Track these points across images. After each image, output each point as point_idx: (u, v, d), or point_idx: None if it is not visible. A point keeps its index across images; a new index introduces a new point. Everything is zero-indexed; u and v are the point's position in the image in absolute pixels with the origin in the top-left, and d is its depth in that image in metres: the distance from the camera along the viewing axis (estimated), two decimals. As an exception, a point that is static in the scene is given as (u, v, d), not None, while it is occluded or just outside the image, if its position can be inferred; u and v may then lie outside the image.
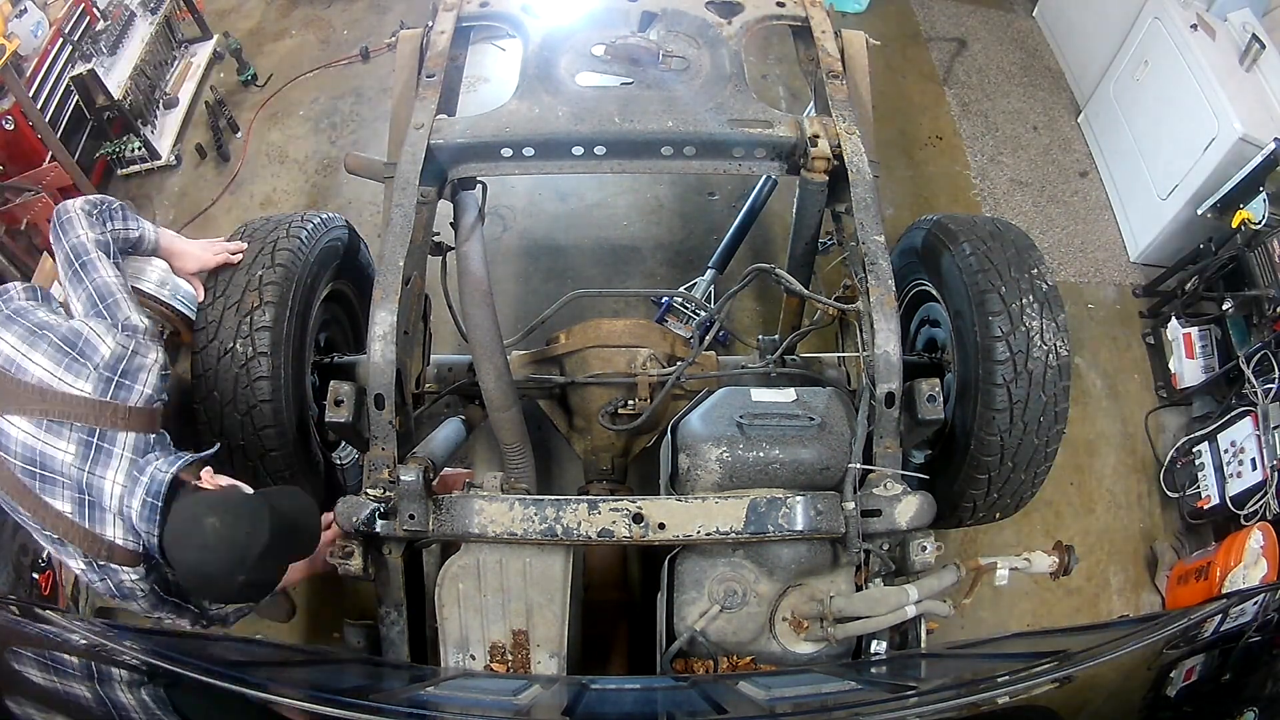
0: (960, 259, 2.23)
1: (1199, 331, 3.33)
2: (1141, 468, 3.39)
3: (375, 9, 4.62)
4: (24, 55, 3.30)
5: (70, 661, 1.55)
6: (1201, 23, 3.49)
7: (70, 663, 1.55)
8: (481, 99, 3.82)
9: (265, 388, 2.09)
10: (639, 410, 2.44)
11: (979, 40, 4.70)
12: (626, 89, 2.50)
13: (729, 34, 2.62)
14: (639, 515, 1.87)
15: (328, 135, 4.10)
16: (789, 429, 2.00)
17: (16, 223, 3.22)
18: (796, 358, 2.63)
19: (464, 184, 2.45)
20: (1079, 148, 4.27)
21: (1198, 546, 3.14)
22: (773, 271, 2.38)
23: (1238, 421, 3.01)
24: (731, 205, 3.76)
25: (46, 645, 1.60)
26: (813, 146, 2.29)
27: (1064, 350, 2.13)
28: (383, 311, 2.01)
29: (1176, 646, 1.67)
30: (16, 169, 3.28)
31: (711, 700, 1.66)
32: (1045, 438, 2.16)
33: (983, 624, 2.97)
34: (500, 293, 2.85)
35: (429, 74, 2.51)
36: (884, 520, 1.91)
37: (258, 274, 2.15)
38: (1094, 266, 3.88)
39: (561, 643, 1.94)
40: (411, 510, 1.88)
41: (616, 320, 2.59)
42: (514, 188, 3.81)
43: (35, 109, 3.28)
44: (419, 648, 2.06)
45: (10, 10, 3.22)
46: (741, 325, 3.51)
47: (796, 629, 1.95)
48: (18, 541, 2.89)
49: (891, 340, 1.99)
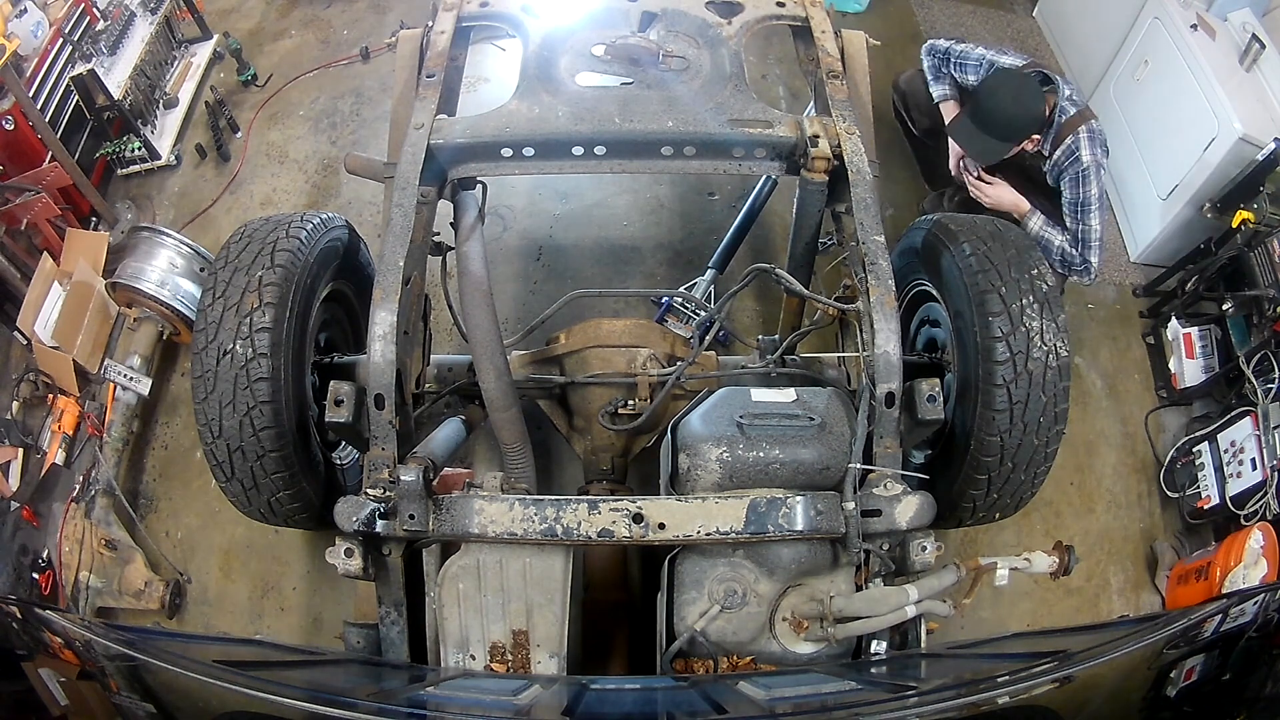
0: (960, 259, 2.23)
1: (1199, 331, 3.32)
2: (1141, 468, 3.39)
3: (375, 9, 4.62)
4: (24, 55, 3.30)
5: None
6: (1201, 23, 3.49)
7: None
8: (481, 99, 3.82)
9: (265, 389, 2.09)
10: (639, 410, 2.44)
11: (979, 40, 4.70)
12: (626, 89, 2.50)
13: (729, 34, 2.63)
14: (639, 515, 1.87)
15: (328, 135, 4.10)
16: (789, 429, 2.00)
17: (16, 223, 3.22)
18: (796, 358, 2.63)
19: (464, 184, 2.46)
20: (1079, 148, 4.27)
21: (1198, 546, 3.13)
22: (773, 271, 2.38)
23: (1238, 421, 3.01)
24: (731, 205, 3.76)
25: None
26: (813, 146, 2.29)
27: (1064, 350, 2.13)
28: (383, 311, 2.01)
29: (1176, 646, 1.67)
30: (16, 169, 3.27)
31: (711, 700, 1.66)
32: (1045, 438, 2.16)
33: (983, 624, 2.97)
34: (500, 293, 2.86)
35: (429, 74, 2.51)
36: (884, 520, 1.91)
37: (257, 275, 2.14)
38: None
39: (561, 643, 1.94)
40: (411, 510, 1.88)
41: (616, 320, 2.59)
42: (514, 188, 3.81)
43: (35, 109, 3.28)
44: (419, 648, 2.05)
45: (10, 10, 3.22)
46: (741, 325, 3.51)
47: (796, 629, 1.95)
48: (18, 541, 2.89)
49: (891, 340, 1.99)
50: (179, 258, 3.28)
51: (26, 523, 2.98)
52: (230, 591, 3.04)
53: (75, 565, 2.88)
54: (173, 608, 2.96)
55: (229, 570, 3.07)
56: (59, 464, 3.08)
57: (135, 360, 3.19)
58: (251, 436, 2.11)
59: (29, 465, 3.10)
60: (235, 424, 2.10)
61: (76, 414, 3.14)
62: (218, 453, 2.15)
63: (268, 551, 3.07)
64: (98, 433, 3.12)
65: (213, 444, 2.14)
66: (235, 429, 2.10)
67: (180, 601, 3.01)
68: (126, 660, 1.59)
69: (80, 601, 2.88)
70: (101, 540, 2.93)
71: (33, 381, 3.16)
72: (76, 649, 1.66)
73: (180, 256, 3.28)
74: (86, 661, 1.62)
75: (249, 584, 3.05)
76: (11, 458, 3.07)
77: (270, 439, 2.12)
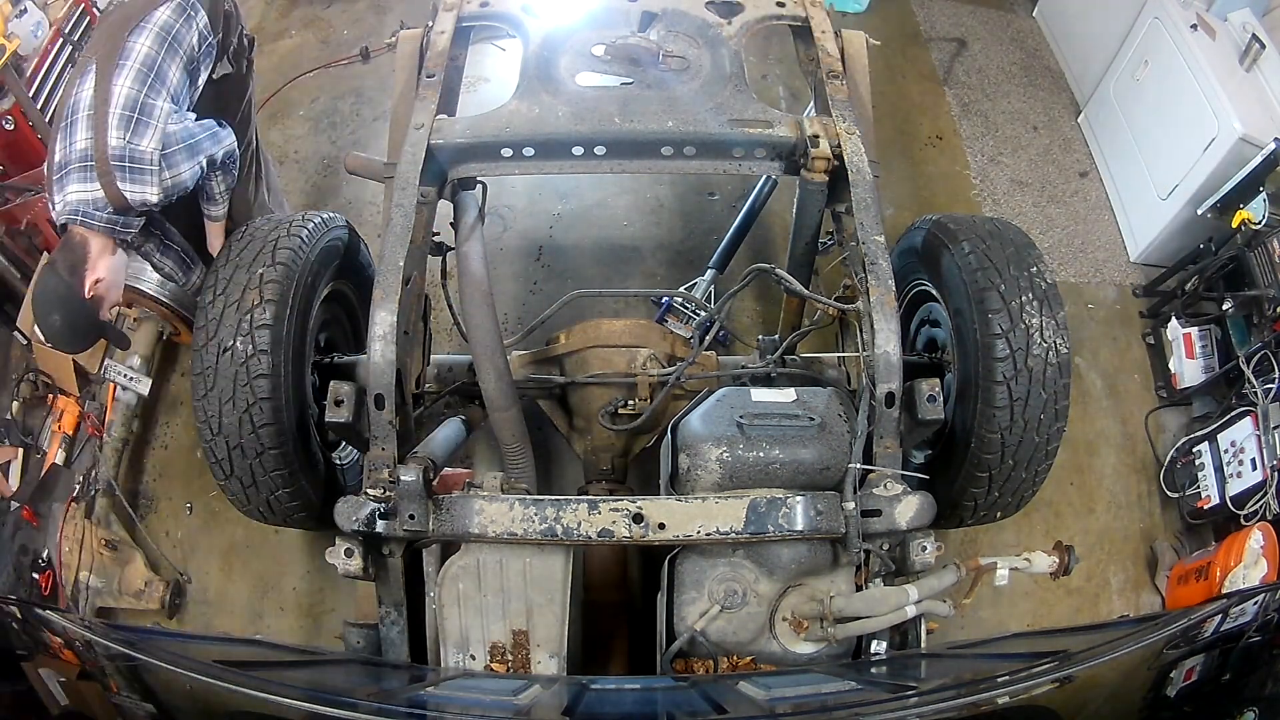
0: (960, 258, 2.23)
1: (1199, 331, 3.33)
2: (1141, 468, 3.38)
3: (375, 9, 4.62)
4: (24, 55, 3.29)
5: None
6: (1201, 23, 3.49)
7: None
8: (481, 99, 3.82)
9: (265, 385, 2.09)
10: (639, 410, 2.44)
11: (979, 40, 4.70)
12: (626, 89, 2.50)
13: (729, 34, 2.62)
14: (639, 515, 1.87)
15: (328, 135, 4.10)
16: (789, 429, 2.00)
17: (16, 223, 3.22)
18: (796, 358, 2.63)
19: (464, 184, 2.45)
20: (1079, 148, 4.27)
21: (1198, 546, 3.13)
22: (773, 271, 2.38)
23: (1238, 421, 3.01)
24: (731, 205, 3.76)
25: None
26: (813, 146, 2.29)
27: (1064, 347, 2.13)
28: (383, 311, 2.01)
29: (1176, 646, 1.68)
30: (16, 169, 3.27)
31: (711, 700, 1.66)
32: (1046, 435, 2.16)
33: (983, 624, 2.97)
34: (500, 293, 2.86)
35: (429, 74, 2.51)
36: (884, 520, 1.91)
37: (258, 272, 2.15)
38: (1094, 266, 3.88)
39: (561, 643, 1.94)
40: (411, 510, 1.88)
41: (616, 320, 2.59)
42: (514, 188, 3.81)
43: (35, 109, 3.28)
44: (419, 648, 2.05)
45: (10, 10, 3.21)
46: (741, 325, 3.51)
47: (796, 629, 1.95)
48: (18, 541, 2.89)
49: (891, 340, 1.99)
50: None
51: (26, 523, 2.98)
52: (230, 591, 3.04)
53: (75, 565, 2.88)
54: (173, 608, 2.96)
55: (229, 570, 3.07)
56: (59, 464, 3.08)
57: (135, 360, 3.19)
58: (251, 433, 2.11)
59: (29, 465, 3.10)
60: (234, 420, 2.10)
61: (76, 414, 3.14)
62: (217, 450, 2.15)
63: (268, 551, 3.06)
64: (98, 433, 3.12)
65: (212, 441, 2.15)
66: (234, 426, 2.10)
67: (180, 601, 3.00)
68: (126, 660, 1.59)
69: (80, 601, 2.88)
70: (101, 540, 2.93)
71: (33, 381, 3.16)
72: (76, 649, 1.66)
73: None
74: (86, 661, 1.62)
75: (249, 584, 3.05)
76: (11, 458, 3.07)
77: (269, 436, 2.12)
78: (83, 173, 2.11)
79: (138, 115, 2.13)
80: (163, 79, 2.20)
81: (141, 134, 2.13)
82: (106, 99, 2.11)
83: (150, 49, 2.19)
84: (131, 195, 2.14)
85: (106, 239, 2.21)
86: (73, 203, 2.14)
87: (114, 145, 2.10)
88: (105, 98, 2.11)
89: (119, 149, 2.10)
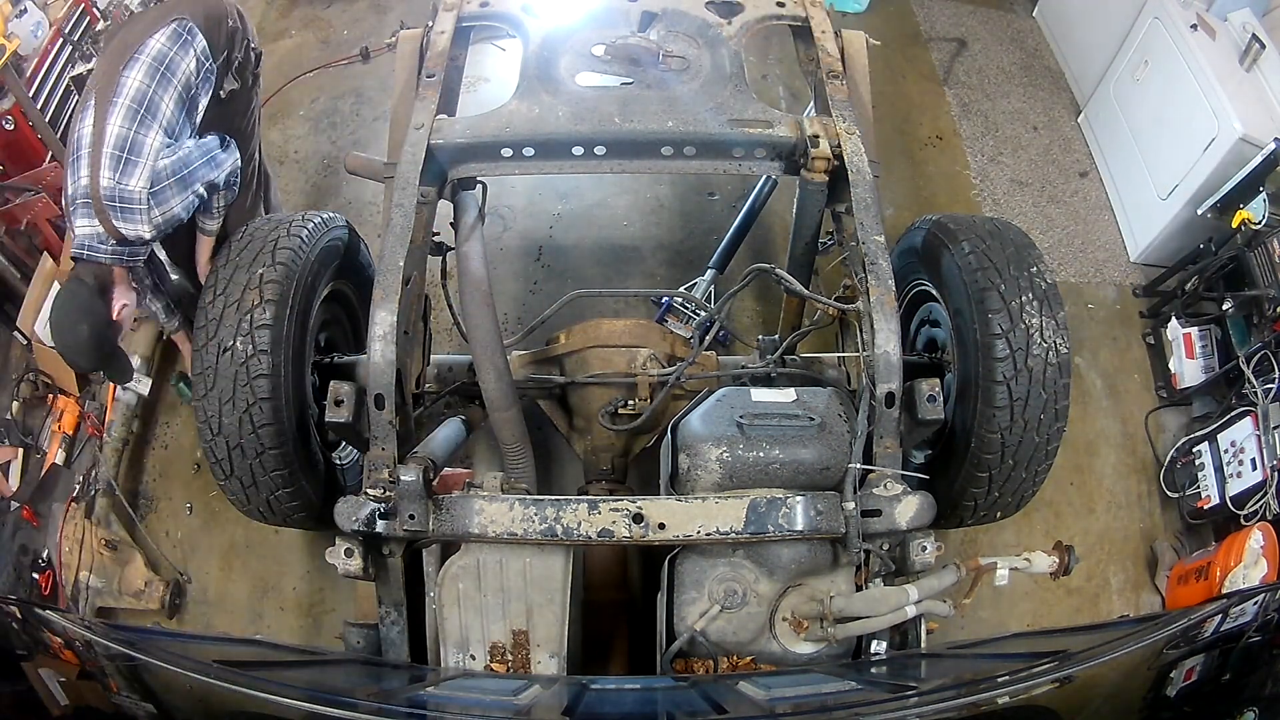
0: (960, 257, 2.23)
1: (1199, 331, 3.33)
2: (1141, 468, 3.38)
3: (375, 9, 4.62)
4: (24, 55, 3.29)
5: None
6: (1201, 23, 3.49)
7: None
8: (481, 99, 3.82)
9: (265, 385, 2.09)
10: (639, 410, 2.44)
11: (979, 40, 4.70)
12: (626, 89, 2.50)
13: (729, 34, 2.62)
14: (639, 515, 1.87)
15: (328, 135, 4.10)
16: (789, 429, 2.00)
17: (16, 223, 3.22)
18: (796, 358, 2.63)
19: (464, 184, 2.45)
20: (1079, 148, 4.27)
21: (1198, 546, 3.13)
22: (773, 271, 2.38)
23: (1238, 421, 3.01)
24: (731, 205, 3.76)
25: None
26: (813, 146, 2.29)
27: (1064, 347, 2.13)
28: (383, 311, 2.01)
29: (1176, 646, 1.67)
30: (16, 169, 3.27)
31: (711, 700, 1.66)
32: (1046, 435, 2.16)
33: (983, 624, 2.97)
34: (500, 293, 2.86)
35: (429, 74, 2.51)
36: (884, 520, 1.90)
37: (258, 272, 2.15)
38: (1094, 266, 3.88)
39: (561, 643, 1.94)
40: (411, 510, 1.88)
41: (616, 320, 2.59)
42: (514, 188, 3.81)
43: (35, 109, 3.28)
44: (419, 648, 2.05)
45: (10, 10, 3.21)
46: (741, 325, 3.51)
47: (796, 629, 1.95)
48: (18, 541, 2.89)
49: (891, 340, 1.99)
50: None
51: (26, 523, 2.98)
52: (230, 591, 3.04)
53: (75, 565, 2.88)
54: (173, 608, 2.96)
55: (229, 570, 3.07)
56: (59, 464, 3.08)
57: (135, 360, 3.19)
58: (251, 433, 2.11)
59: (29, 465, 3.10)
60: (234, 420, 2.10)
61: (76, 414, 3.14)
62: (217, 450, 2.15)
63: (268, 551, 3.07)
64: (98, 433, 3.12)
65: (212, 441, 2.15)
66: (234, 425, 2.10)
67: (180, 601, 3.01)
68: (126, 660, 1.59)
69: (80, 601, 2.88)
70: (101, 540, 2.93)
71: (33, 381, 3.16)
72: (76, 649, 1.66)
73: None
74: (86, 661, 1.62)
75: (249, 584, 3.05)
76: (11, 458, 3.07)
77: (269, 436, 2.12)
78: (86, 209, 2.21)
79: (127, 155, 2.18)
80: (154, 112, 2.24)
81: (130, 173, 2.18)
82: (100, 137, 2.18)
83: (142, 83, 2.23)
84: (127, 231, 2.22)
85: (123, 271, 2.33)
86: (79, 237, 2.25)
87: (105, 186, 2.17)
88: (100, 135, 2.18)
89: (109, 189, 2.17)
